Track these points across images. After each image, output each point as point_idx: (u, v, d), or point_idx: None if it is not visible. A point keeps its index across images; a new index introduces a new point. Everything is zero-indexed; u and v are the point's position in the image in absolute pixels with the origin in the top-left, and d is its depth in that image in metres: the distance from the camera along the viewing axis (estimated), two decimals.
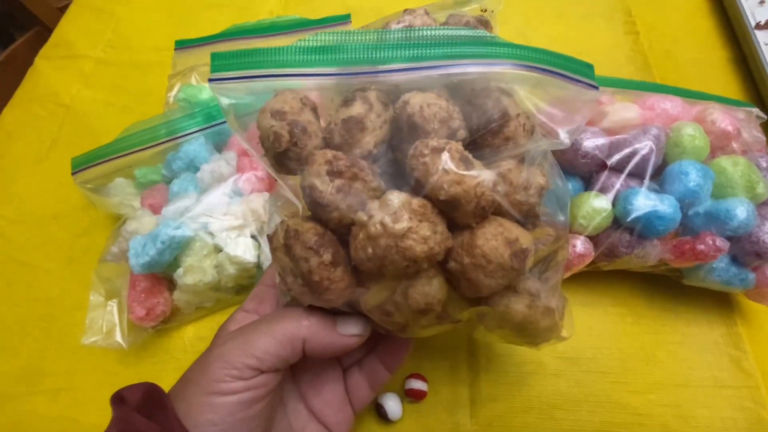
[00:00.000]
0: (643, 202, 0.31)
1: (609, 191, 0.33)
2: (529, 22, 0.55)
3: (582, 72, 0.22)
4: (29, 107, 0.52)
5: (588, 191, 0.34)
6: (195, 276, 0.33)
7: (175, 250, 0.33)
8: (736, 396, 0.33)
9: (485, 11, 0.40)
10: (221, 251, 0.34)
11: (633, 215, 0.31)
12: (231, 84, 0.21)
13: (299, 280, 0.22)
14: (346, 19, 0.48)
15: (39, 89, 0.54)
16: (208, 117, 0.40)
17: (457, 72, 0.21)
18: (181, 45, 0.48)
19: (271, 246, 0.23)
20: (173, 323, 0.37)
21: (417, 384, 0.33)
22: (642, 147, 0.33)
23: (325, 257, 0.20)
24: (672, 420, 0.33)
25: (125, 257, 0.33)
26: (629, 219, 0.31)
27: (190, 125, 0.40)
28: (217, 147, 0.41)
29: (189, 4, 0.59)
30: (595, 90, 0.23)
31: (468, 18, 0.37)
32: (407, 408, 0.34)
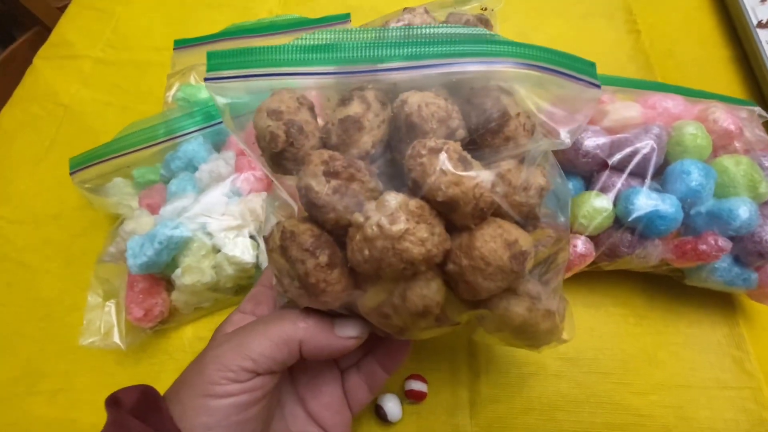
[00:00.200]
0: (645, 201, 0.31)
1: (610, 191, 0.33)
2: (530, 20, 0.54)
3: (584, 70, 0.22)
4: (28, 107, 0.52)
5: (589, 191, 0.34)
6: (193, 276, 0.33)
7: (173, 250, 0.33)
8: (738, 397, 0.33)
9: (485, 10, 0.40)
10: (219, 251, 0.34)
11: (634, 215, 0.31)
12: (227, 83, 0.21)
13: (296, 282, 0.21)
14: (345, 18, 0.48)
15: (38, 89, 0.53)
16: (206, 116, 0.40)
17: (457, 71, 0.21)
18: (180, 44, 0.48)
19: (268, 247, 0.22)
20: (171, 324, 0.37)
21: (417, 385, 0.33)
22: (643, 146, 0.33)
23: (322, 259, 0.20)
24: (674, 421, 0.33)
25: (123, 258, 0.33)
26: (630, 219, 0.31)
27: (188, 125, 0.39)
28: (216, 147, 0.40)
29: (188, 3, 0.59)
30: (597, 88, 0.22)
31: (468, 16, 0.37)
32: (407, 409, 0.33)
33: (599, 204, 0.32)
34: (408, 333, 0.24)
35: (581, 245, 0.32)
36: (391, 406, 0.32)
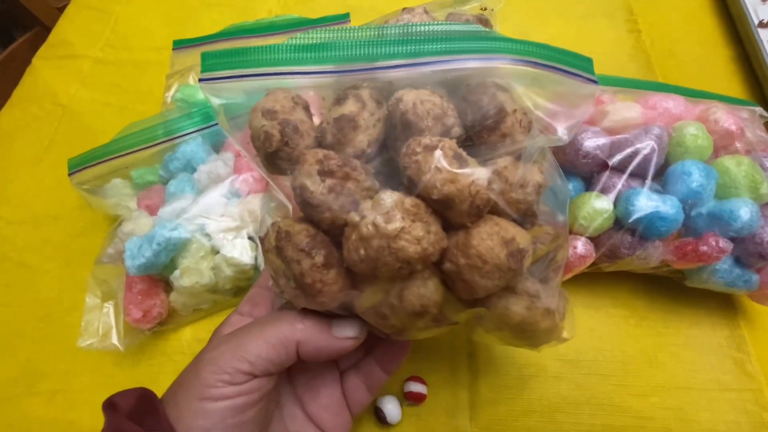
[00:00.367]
0: (645, 202, 0.31)
1: (610, 192, 0.33)
2: (530, 20, 0.54)
3: (581, 66, 0.22)
4: (27, 107, 0.52)
5: (589, 192, 0.33)
6: (192, 278, 0.33)
7: (172, 251, 0.33)
8: (739, 399, 0.33)
9: (485, 9, 0.39)
10: (218, 253, 0.34)
11: (635, 216, 0.31)
12: (223, 84, 0.21)
13: (292, 282, 0.21)
14: (345, 18, 0.48)
15: (37, 89, 0.53)
16: (205, 117, 0.39)
17: (455, 68, 0.21)
18: (179, 45, 0.48)
19: (263, 248, 0.22)
20: (170, 325, 0.37)
21: (416, 387, 0.33)
22: (644, 147, 0.33)
23: (317, 259, 0.20)
24: (674, 423, 0.32)
25: (121, 259, 0.33)
26: (631, 220, 0.31)
27: (187, 125, 0.39)
28: (215, 147, 0.40)
29: (187, 3, 0.59)
30: (594, 84, 0.22)
31: (468, 16, 0.37)
32: (406, 411, 0.33)
33: (599, 205, 0.32)
34: (406, 333, 0.23)
35: (581, 246, 0.32)
36: (391, 407, 0.32)
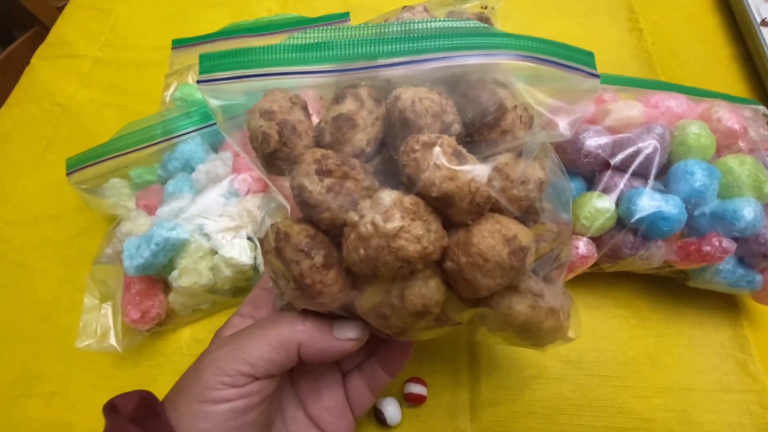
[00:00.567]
0: (648, 202, 0.31)
1: (612, 191, 0.32)
2: (531, 19, 0.54)
3: (582, 60, 0.21)
4: (26, 107, 0.52)
5: (591, 191, 0.33)
6: (190, 278, 0.33)
7: (170, 251, 0.33)
8: (742, 400, 0.33)
9: (486, 8, 0.39)
10: (217, 253, 0.34)
11: (637, 216, 0.31)
12: (221, 85, 0.21)
13: (291, 283, 0.21)
14: (344, 17, 0.48)
15: (36, 89, 0.53)
16: (204, 116, 0.39)
17: (455, 64, 0.20)
18: (179, 44, 0.48)
19: (263, 249, 0.22)
20: (169, 326, 0.37)
21: (416, 388, 0.33)
22: (646, 146, 0.32)
23: (317, 260, 0.20)
24: (677, 425, 0.32)
25: (120, 259, 0.33)
26: (633, 220, 0.31)
27: (186, 125, 0.39)
28: (214, 147, 0.40)
29: (186, 3, 0.59)
30: (596, 78, 0.22)
31: (468, 15, 0.36)
32: (406, 413, 0.33)
33: (601, 205, 0.32)
34: (408, 334, 0.23)
35: (583, 246, 0.32)
36: (391, 409, 0.32)
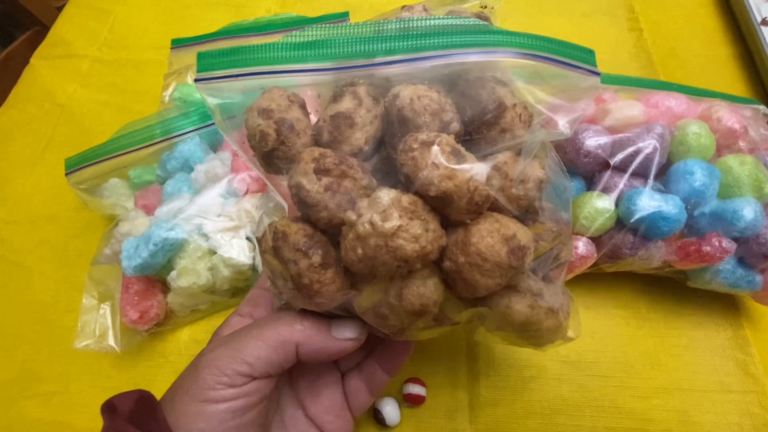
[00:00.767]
0: (647, 202, 0.31)
1: (612, 191, 0.32)
2: (530, 18, 0.54)
3: (582, 58, 0.21)
4: (25, 107, 0.52)
5: (590, 191, 0.33)
6: (189, 278, 0.33)
7: (169, 252, 0.33)
8: (742, 401, 0.33)
9: (485, 8, 0.39)
10: (215, 253, 0.34)
11: (637, 216, 0.31)
12: (219, 83, 0.20)
13: (289, 283, 0.21)
14: (344, 17, 0.48)
15: (35, 89, 0.53)
16: (203, 116, 0.39)
17: (455, 62, 0.20)
18: (178, 44, 0.48)
19: (260, 249, 0.22)
20: (168, 326, 0.37)
21: (415, 389, 0.33)
22: (646, 146, 0.32)
23: (315, 259, 0.20)
24: (677, 425, 0.32)
25: (118, 259, 0.33)
26: (633, 220, 0.31)
27: (185, 125, 0.39)
28: (213, 147, 0.40)
29: (186, 2, 0.59)
30: (596, 76, 0.22)
31: (467, 14, 0.36)
32: (405, 413, 0.33)
33: (601, 205, 0.32)
34: (407, 333, 0.23)
35: (582, 246, 0.32)
36: (389, 410, 0.32)
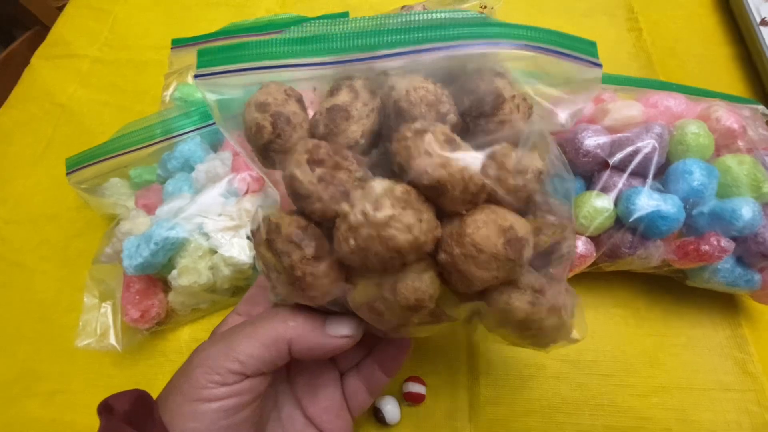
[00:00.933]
0: (646, 201, 0.31)
1: (611, 191, 0.32)
2: (530, 18, 0.54)
3: (583, 50, 0.21)
4: (25, 107, 0.52)
5: (590, 191, 0.33)
6: (190, 277, 0.33)
7: (169, 251, 0.33)
8: (741, 399, 0.33)
9: (484, 8, 0.39)
10: (216, 252, 0.34)
11: (635, 215, 0.31)
12: (219, 78, 0.21)
13: (283, 276, 0.21)
14: (344, 17, 0.48)
15: (35, 89, 0.53)
16: (204, 116, 0.39)
17: (455, 54, 0.20)
18: (178, 44, 0.48)
19: (255, 242, 0.22)
20: (168, 325, 0.37)
21: (415, 387, 0.33)
22: (645, 145, 0.32)
23: (308, 251, 0.19)
24: (675, 424, 0.32)
25: (119, 258, 0.33)
26: (632, 219, 0.31)
27: (185, 124, 0.39)
28: (213, 147, 0.40)
29: (186, 2, 0.59)
30: (598, 68, 0.21)
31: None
32: (405, 412, 0.33)
33: (600, 204, 0.32)
34: (403, 330, 0.23)
35: (582, 246, 0.32)
36: (390, 408, 0.32)
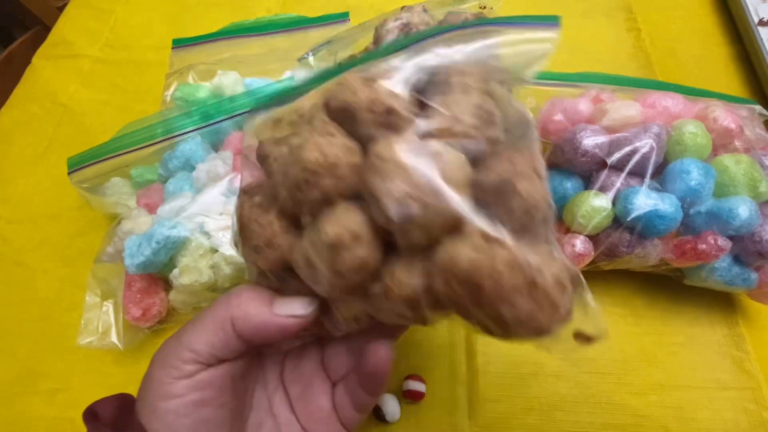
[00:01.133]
0: (644, 201, 0.31)
1: (609, 190, 0.33)
2: None
3: (540, 19, 0.20)
4: (27, 107, 0.52)
5: (588, 190, 0.33)
6: (191, 276, 0.33)
7: (171, 250, 0.33)
8: (738, 397, 0.33)
9: (484, 8, 0.39)
10: (217, 251, 0.34)
11: (633, 214, 0.31)
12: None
13: (238, 234, 0.20)
14: (344, 17, 0.48)
15: (36, 89, 0.53)
16: (204, 116, 0.39)
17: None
18: (179, 44, 0.48)
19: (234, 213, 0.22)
20: (170, 323, 0.37)
21: (415, 385, 0.33)
22: (643, 145, 0.32)
23: (256, 199, 0.20)
24: (673, 422, 0.32)
25: (121, 257, 0.33)
26: (630, 218, 0.31)
27: (186, 124, 0.39)
28: (214, 146, 0.40)
29: (187, 2, 0.59)
30: (555, 25, 0.20)
31: (467, 15, 0.36)
32: (405, 409, 0.33)
33: (598, 203, 0.32)
34: (341, 299, 0.20)
35: (580, 244, 0.32)
36: (389, 405, 0.32)
